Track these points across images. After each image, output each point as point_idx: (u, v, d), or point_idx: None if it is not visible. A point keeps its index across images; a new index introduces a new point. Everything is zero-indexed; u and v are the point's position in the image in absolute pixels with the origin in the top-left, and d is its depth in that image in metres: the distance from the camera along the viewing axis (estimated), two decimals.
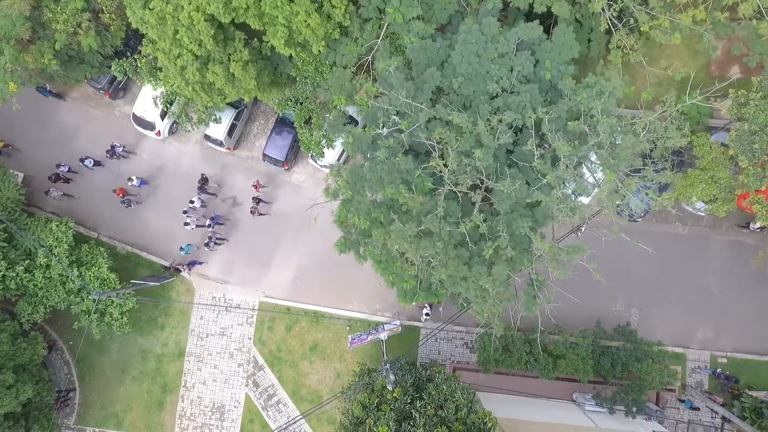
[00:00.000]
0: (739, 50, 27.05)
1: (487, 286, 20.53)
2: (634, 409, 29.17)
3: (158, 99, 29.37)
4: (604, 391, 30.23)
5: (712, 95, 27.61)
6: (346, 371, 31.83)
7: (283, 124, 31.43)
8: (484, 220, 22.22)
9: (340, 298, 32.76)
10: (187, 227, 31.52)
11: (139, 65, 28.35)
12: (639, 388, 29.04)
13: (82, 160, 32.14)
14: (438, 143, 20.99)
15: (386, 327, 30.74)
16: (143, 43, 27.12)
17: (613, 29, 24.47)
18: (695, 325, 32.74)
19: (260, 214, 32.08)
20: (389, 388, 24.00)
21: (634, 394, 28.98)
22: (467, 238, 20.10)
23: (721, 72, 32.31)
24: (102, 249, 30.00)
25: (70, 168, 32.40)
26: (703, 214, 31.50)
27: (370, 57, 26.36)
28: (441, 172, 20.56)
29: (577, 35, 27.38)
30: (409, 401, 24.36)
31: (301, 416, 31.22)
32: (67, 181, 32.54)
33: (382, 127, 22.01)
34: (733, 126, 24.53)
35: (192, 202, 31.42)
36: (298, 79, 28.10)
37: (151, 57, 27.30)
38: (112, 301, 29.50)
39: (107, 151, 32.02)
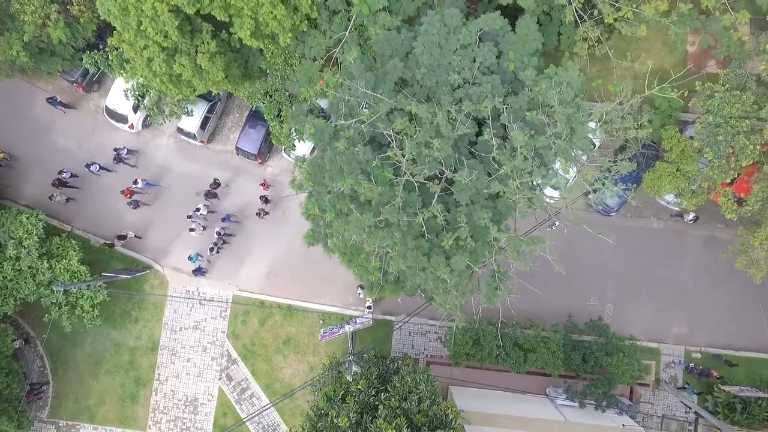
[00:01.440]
0: (707, 43, 26.98)
1: (446, 277, 20.47)
2: (604, 403, 29.12)
3: (129, 92, 29.34)
4: (575, 386, 30.20)
5: (680, 88, 27.70)
6: (319, 365, 31.77)
7: (256, 117, 31.39)
8: (448, 211, 22.24)
9: (314, 292, 32.70)
10: (193, 233, 31.50)
11: (111, 57, 28.31)
12: (608, 382, 29.03)
13: (88, 166, 31.89)
14: (397, 134, 20.92)
15: (358, 320, 30.68)
16: (112, 34, 27.07)
17: (579, 21, 24.40)
18: (670, 320, 32.68)
19: (266, 213, 31.84)
20: (349, 379, 23.94)
21: (603, 387, 28.97)
22: (424, 229, 20.02)
23: (697, 66, 32.20)
24: (73, 242, 29.95)
25: (72, 174, 32.27)
26: (677, 208, 31.42)
27: (338, 49, 26.27)
28: (400, 162, 20.46)
29: (546, 28, 27.51)
30: (373, 393, 24.31)
31: (269, 405, 31.24)
32: (69, 186, 32.36)
33: (344, 117, 21.96)
34: (698, 119, 24.47)
35: (198, 209, 31.40)
36: (268, 71, 28.07)
37: (121, 49, 27.21)
38: (83, 294, 29.48)
39: (113, 158, 31.89)
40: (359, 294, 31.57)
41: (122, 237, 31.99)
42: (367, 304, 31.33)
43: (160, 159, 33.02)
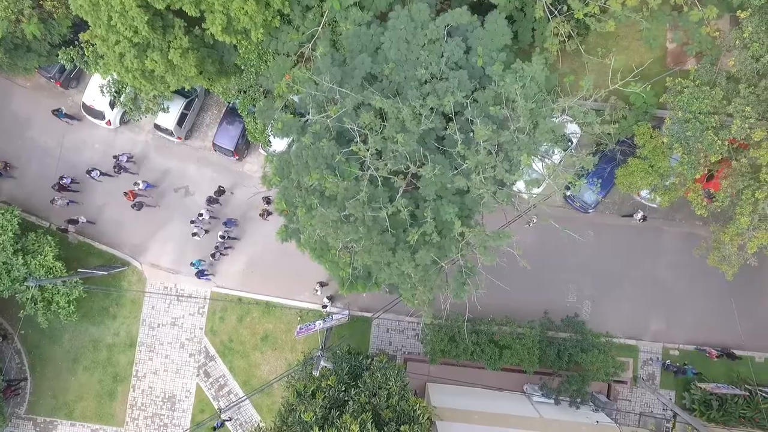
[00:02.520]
0: (680, 39, 26.95)
1: (410, 272, 20.46)
2: (578, 399, 29.09)
3: (104, 88, 29.35)
4: (551, 382, 30.18)
5: (656, 85, 27.70)
6: (296, 361, 31.70)
7: (233, 113, 31.37)
8: (417, 206, 22.24)
9: (292, 289, 32.68)
10: (196, 237, 31.49)
11: (86, 53, 28.30)
12: (582, 379, 29.02)
13: (89, 172, 31.90)
14: (363, 129, 20.91)
15: (335, 317, 30.75)
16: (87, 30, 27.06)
17: (549, 16, 24.38)
18: (648, 317, 32.69)
19: (269, 214, 31.77)
20: (315, 374, 23.94)
21: (577, 384, 28.94)
22: (387, 223, 20.01)
23: (677, 63, 32.21)
24: (49, 238, 29.96)
25: (73, 179, 32.24)
26: (655, 205, 31.36)
27: (310, 45, 26.25)
28: (365, 157, 20.45)
29: (520, 24, 27.51)
30: (343, 389, 24.31)
31: (243, 398, 31.29)
32: (71, 190, 32.38)
33: (312, 112, 21.95)
34: (667, 114, 24.46)
35: (201, 214, 31.42)
36: (243, 67, 28.06)
37: (94, 45, 27.18)
38: (59, 290, 29.49)
39: (114, 167, 31.92)
40: (316, 291, 31.54)
41: (74, 222, 31.92)
42: (324, 302, 31.26)
43: (138, 155, 32.98)
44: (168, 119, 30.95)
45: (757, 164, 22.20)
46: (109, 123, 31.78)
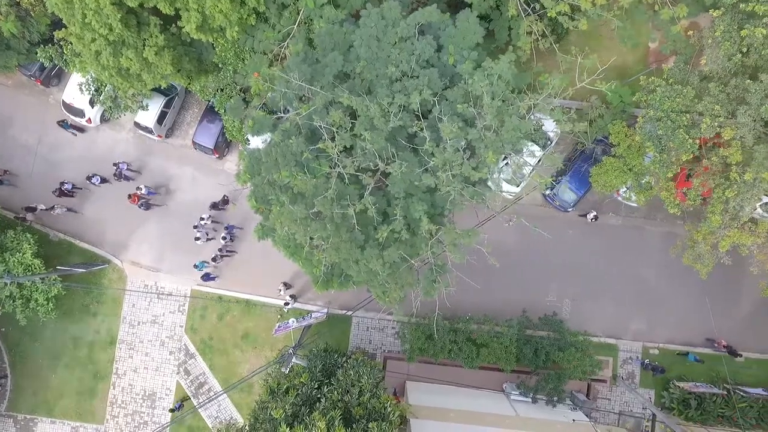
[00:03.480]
0: (657, 38, 26.97)
1: (378, 269, 20.49)
2: (555, 398, 29.11)
3: (83, 86, 29.41)
4: (528, 381, 30.21)
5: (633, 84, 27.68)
6: (274, 359, 31.85)
7: (213, 111, 31.33)
8: (389, 204, 22.25)
9: (273, 287, 32.68)
10: (198, 242, 31.55)
11: (65, 51, 28.38)
12: (558, 377, 29.03)
13: (89, 178, 31.91)
14: (332, 126, 20.95)
15: (313, 315, 30.78)
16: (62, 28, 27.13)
17: (523, 14, 24.41)
18: (628, 316, 32.70)
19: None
20: (284, 371, 23.99)
21: (553, 383, 28.96)
22: (354, 221, 20.05)
23: (659, 62, 32.23)
24: (28, 235, 30.01)
25: (74, 185, 32.26)
26: (633, 204, 31.36)
27: (286, 43, 26.31)
28: (333, 154, 20.49)
29: (497, 23, 27.56)
30: (316, 386, 24.36)
31: (221, 392, 31.33)
32: (71, 195, 32.35)
33: (283, 110, 22.00)
34: (640, 113, 24.47)
35: (202, 219, 31.44)
36: (220, 65, 28.13)
37: (70, 43, 27.26)
38: (37, 287, 29.54)
39: (114, 174, 31.93)
40: (279, 291, 31.55)
41: (32, 209, 31.90)
42: (285, 300, 31.32)
43: (119, 153, 33.03)
44: (147, 117, 30.99)
45: (728, 162, 22.19)
46: (89, 121, 31.82)
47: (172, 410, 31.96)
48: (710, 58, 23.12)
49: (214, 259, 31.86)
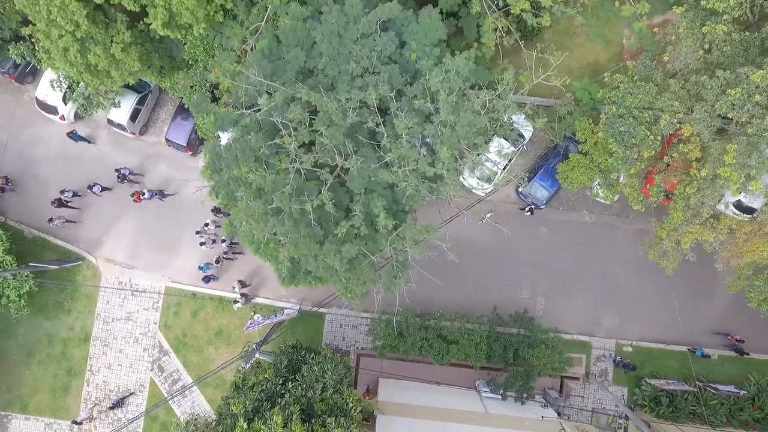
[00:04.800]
0: (630, 36, 27.02)
1: (336, 265, 20.54)
2: (524, 395, 29.15)
3: (55, 83, 29.47)
4: (498, 378, 30.26)
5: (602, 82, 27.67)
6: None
7: (186, 108, 31.38)
8: (351, 200, 22.31)
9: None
10: (203, 247, 31.53)
11: (37, 48, 28.42)
12: (527, 374, 29.07)
13: (90, 187, 31.87)
14: (292, 122, 21.01)
15: (285, 312, 30.84)
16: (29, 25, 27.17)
17: (488, 11, 24.46)
18: (601, 313, 32.74)
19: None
20: (244, 367, 24.04)
21: (522, 380, 28.99)
22: (311, 216, 20.10)
23: (634, 60, 32.24)
24: (0, 232, 30.05)
25: (74, 193, 32.23)
26: (604, 200, 31.37)
27: (253, 40, 26.34)
28: (291, 149, 20.55)
29: (465, 20, 27.59)
30: (281, 382, 24.41)
31: (191, 384, 31.35)
32: (68, 205, 32.26)
33: (244, 106, 22.06)
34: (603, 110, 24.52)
35: (207, 224, 31.49)
36: (190, 62, 28.18)
37: (37, 39, 27.29)
38: (9, 284, 29.60)
39: (117, 178, 31.89)
40: (234, 288, 31.57)
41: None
42: (235, 298, 31.34)
43: (93, 150, 33.09)
44: (120, 114, 31.03)
45: (688, 159, 22.24)
46: (62, 118, 31.85)
47: (111, 407, 31.92)
48: (673, 54, 23.17)
49: (217, 261, 31.88)
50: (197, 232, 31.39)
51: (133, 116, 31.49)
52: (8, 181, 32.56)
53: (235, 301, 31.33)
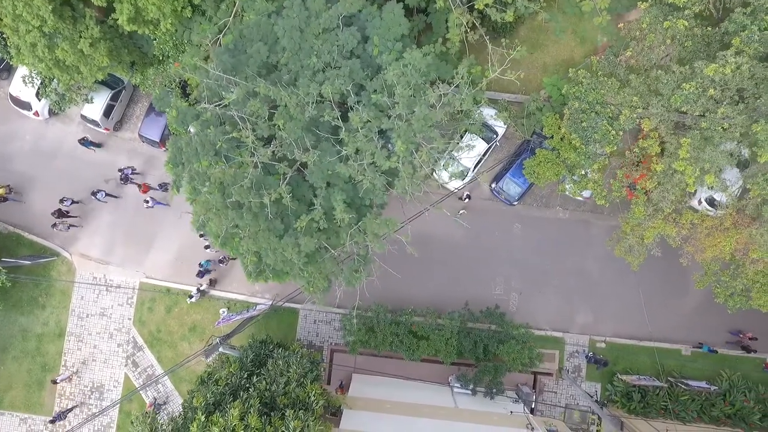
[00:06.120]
0: (585, 32, 27.05)
1: (293, 258, 20.60)
2: (493, 390, 29.20)
3: (27, 78, 29.54)
4: (468, 373, 30.31)
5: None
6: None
7: None
8: (315, 195, 22.37)
9: (220, 280, 32.87)
10: (208, 250, 31.78)
11: (8, 44, 28.46)
12: (495, 369, 29.11)
13: (94, 194, 31.93)
14: (251, 116, 21.08)
15: (257, 307, 30.90)
16: None
17: (452, 7, 24.51)
18: (575, 309, 32.78)
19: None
20: (207, 361, 24.11)
21: (490, 375, 29.04)
22: (268, 210, 20.17)
23: (599, 56, 32.28)
24: None
25: (73, 201, 32.27)
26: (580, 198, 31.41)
27: (221, 35, 26.42)
28: (247, 143, 20.62)
29: (434, 15, 27.66)
30: (245, 376, 24.47)
31: (163, 374, 31.45)
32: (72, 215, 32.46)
33: (207, 101, 22.13)
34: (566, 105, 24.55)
35: None
36: (161, 58, 28.25)
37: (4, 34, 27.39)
38: None
39: (120, 178, 31.98)
40: (201, 285, 31.65)
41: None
42: (191, 293, 31.53)
43: (68, 146, 33.16)
44: (93, 110, 31.09)
45: (648, 154, 22.30)
46: (36, 114, 31.93)
47: (52, 421, 31.79)
48: (635, 50, 23.22)
49: (221, 261, 31.93)
50: (201, 235, 31.11)
51: (107, 112, 31.56)
52: (11, 189, 32.60)
53: (190, 296, 31.48)
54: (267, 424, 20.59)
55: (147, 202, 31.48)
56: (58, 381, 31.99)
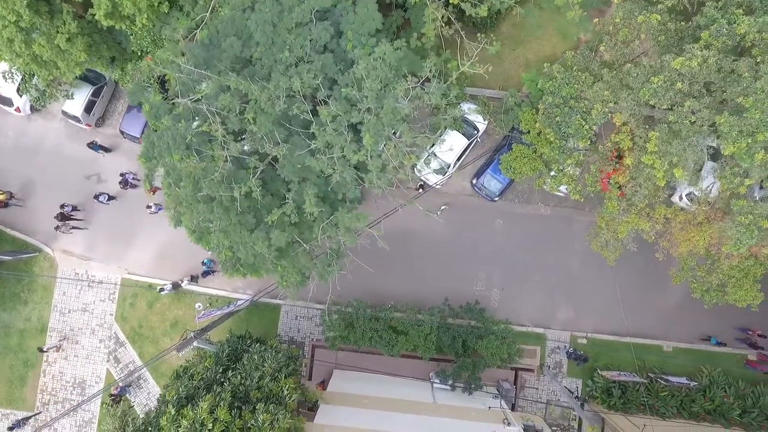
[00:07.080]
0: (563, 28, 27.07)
1: (264, 252, 20.63)
2: (471, 386, 29.23)
3: (7, 74, 29.56)
4: (446, 369, 30.34)
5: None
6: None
7: None
8: (288, 189, 22.39)
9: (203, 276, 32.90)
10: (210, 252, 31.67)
11: None
12: (474, 365, 29.12)
13: (96, 197, 32.05)
14: (222, 110, 21.11)
15: (238, 303, 30.94)
16: None
17: (428, 2, 24.53)
18: (557, 305, 32.80)
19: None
20: (179, 354, 24.15)
21: (469, 370, 29.06)
22: (238, 204, 20.20)
23: (574, 51, 32.29)
24: None
25: (74, 207, 32.38)
26: (561, 194, 31.44)
27: (198, 30, 26.43)
28: (219, 137, 20.65)
29: (412, 11, 27.68)
30: (221, 371, 24.51)
31: (141, 367, 31.53)
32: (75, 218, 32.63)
33: (180, 95, 22.16)
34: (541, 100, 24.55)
35: None
36: (140, 52, 28.28)
37: None
38: None
39: (120, 182, 32.03)
40: (182, 281, 31.74)
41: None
42: (159, 287, 31.66)
43: (51, 143, 33.21)
44: (74, 106, 31.13)
45: (621, 148, 22.32)
46: (18, 110, 31.97)
47: (10, 428, 31.72)
48: (608, 44, 23.22)
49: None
50: None
51: (88, 108, 31.59)
52: (12, 195, 32.66)
53: (161, 289, 31.54)
54: (237, 417, 20.62)
55: (150, 207, 31.38)
56: (45, 350, 32.00)
